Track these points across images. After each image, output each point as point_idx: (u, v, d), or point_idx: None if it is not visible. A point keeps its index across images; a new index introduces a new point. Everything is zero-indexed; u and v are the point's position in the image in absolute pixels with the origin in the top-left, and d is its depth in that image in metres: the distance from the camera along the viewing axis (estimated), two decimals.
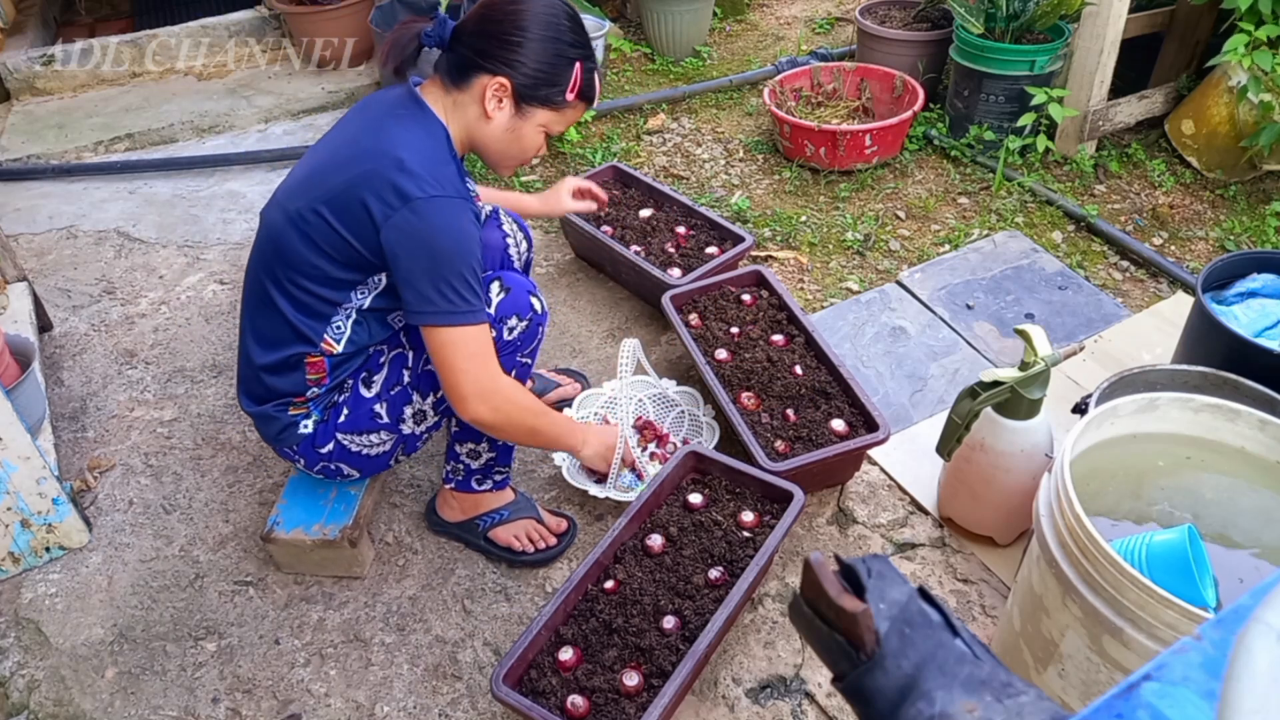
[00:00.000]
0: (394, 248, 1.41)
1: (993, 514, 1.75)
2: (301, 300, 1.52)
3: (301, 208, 1.48)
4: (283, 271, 1.51)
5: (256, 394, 1.62)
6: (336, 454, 1.64)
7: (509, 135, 1.52)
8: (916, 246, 2.67)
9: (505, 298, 1.58)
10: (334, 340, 1.55)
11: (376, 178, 1.41)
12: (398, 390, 1.60)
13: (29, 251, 2.85)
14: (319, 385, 1.59)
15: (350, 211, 1.43)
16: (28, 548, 1.85)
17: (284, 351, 1.55)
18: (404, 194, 1.39)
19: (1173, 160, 2.93)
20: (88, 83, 3.78)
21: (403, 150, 1.41)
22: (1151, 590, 1.08)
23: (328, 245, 1.47)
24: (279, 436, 1.63)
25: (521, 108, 1.49)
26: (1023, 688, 0.62)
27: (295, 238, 1.48)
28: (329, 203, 1.45)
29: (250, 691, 1.65)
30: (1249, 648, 0.42)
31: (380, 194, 1.40)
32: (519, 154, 1.56)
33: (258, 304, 1.57)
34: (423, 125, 1.47)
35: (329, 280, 1.50)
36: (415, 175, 1.40)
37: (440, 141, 1.47)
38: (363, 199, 1.41)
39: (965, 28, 2.87)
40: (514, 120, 1.50)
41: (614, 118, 3.38)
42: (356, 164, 1.44)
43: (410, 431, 1.65)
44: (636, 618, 1.56)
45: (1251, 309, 1.77)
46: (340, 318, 1.54)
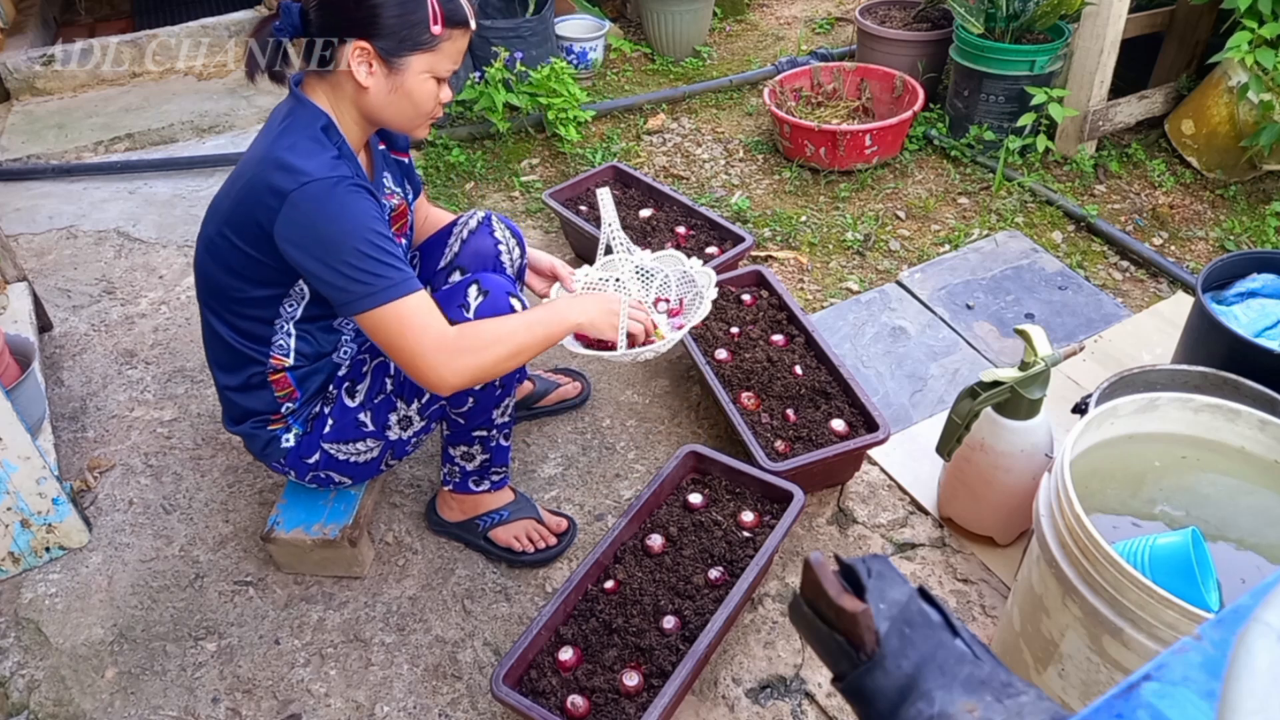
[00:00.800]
0: (288, 248, 1.37)
1: (993, 514, 1.75)
2: (238, 324, 1.52)
3: (211, 234, 1.47)
4: (213, 300, 1.51)
5: (233, 415, 1.64)
6: (324, 463, 1.64)
7: (394, 96, 1.43)
8: (916, 246, 2.67)
9: (484, 301, 1.53)
10: (282, 355, 1.55)
11: (257, 184, 1.37)
12: (381, 399, 1.59)
13: (29, 251, 2.85)
14: (291, 400, 1.59)
15: (246, 227, 1.40)
16: (28, 548, 1.85)
17: (242, 373, 1.56)
18: (279, 191, 1.34)
19: (1173, 160, 2.93)
20: (88, 83, 3.78)
21: (281, 151, 1.37)
22: (1151, 590, 1.08)
23: (240, 266, 1.45)
24: (264, 452, 1.65)
25: (392, 63, 1.39)
26: (1023, 688, 0.62)
27: (212, 264, 1.48)
28: (229, 223, 1.43)
29: (250, 691, 1.65)
30: (1249, 648, 0.42)
31: (262, 200, 1.36)
32: (416, 110, 1.46)
33: (207, 333, 1.58)
34: (301, 120, 1.41)
35: (255, 300, 1.48)
36: (291, 168, 1.34)
37: (317, 131, 1.41)
38: (252, 210, 1.38)
39: (965, 28, 2.87)
40: (392, 79, 1.41)
41: (614, 118, 3.38)
42: (243, 177, 1.41)
43: (397, 437, 1.64)
44: (636, 618, 1.56)
45: (1251, 309, 1.77)
46: (280, 335, 1.53)
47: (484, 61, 3.19)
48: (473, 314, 1.53)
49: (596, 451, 2.07)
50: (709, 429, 2.11)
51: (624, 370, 2.28)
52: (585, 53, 3.61)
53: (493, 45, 3.19)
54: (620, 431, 2.12)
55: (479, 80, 3.16)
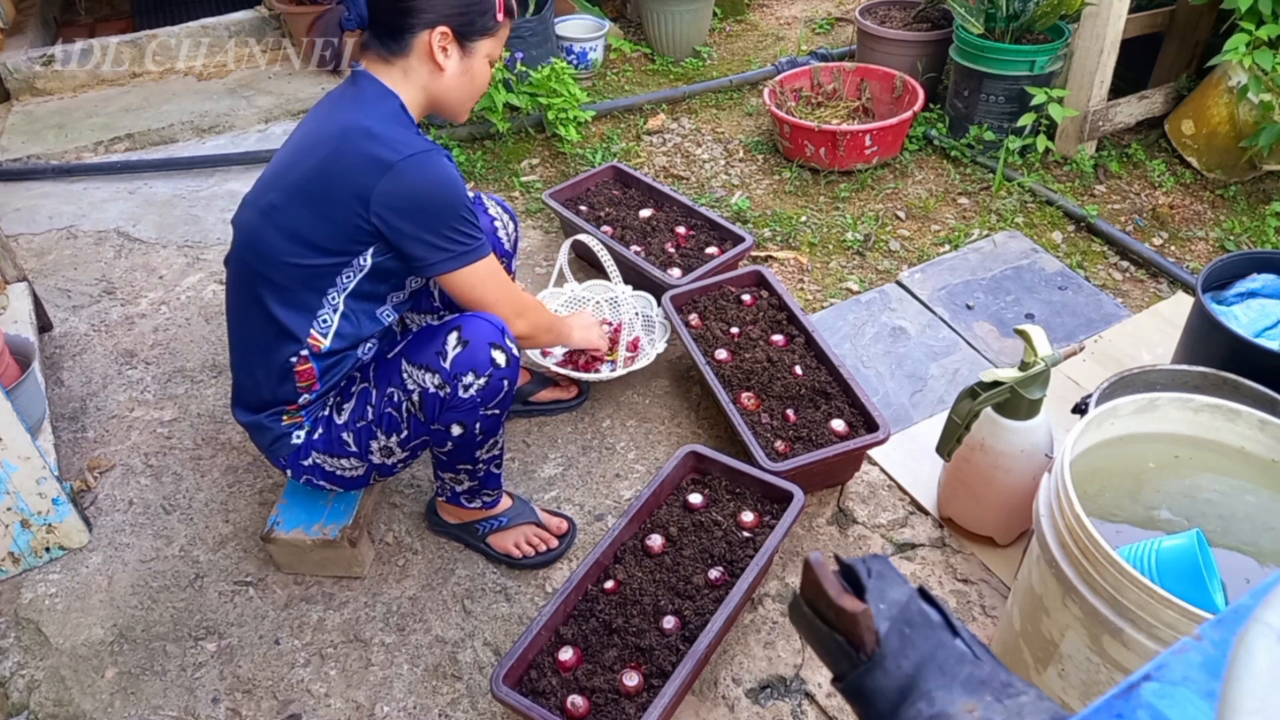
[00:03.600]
0: (388, 214, 1.44)
1: (993, 514, 1.75)
2: (286, 294, 1.51)
3: (274, 200, 1.49)
4: (263, 269, 1.51)
5: (250, 404, 1.62)
6: (316, 472, 1.65)
7: (464, 78, 1.55)
8: (916, 246, 2.67)
9: (462, 352, 1.50)
10: (321, 335, 1.54)
11: (349, 154, 1.43)
12: (363, 425, 1.58)
13: (29, 251, 2.85)
14: (309, 391, 1.59)
15: (329, 193, 1.44)
16: (28, 548, 1.85)
17: (277, 355, 1.55)
18: (383, 161, 1.41)
19: (1173, 160, 2.93)
20: (88, 83, 3.78)
21: (366, 121, 1.44)
22: (1151, 590, 1.08)
23: (309, 231, 1.47)
24: (272, 446, 1.64)
25: (466, 46, 1.52)
26: (1023, 688, 0.62)
27: (271, 231, 1.49)
28: (303, 190, 1.46)
29: (250, 691, 1.65)
30: (1249, 648, 0.42)
31: (358, 168, 1.42)
32: (475, 91, 1.60)
33: (242, 309, 1.58)
34: (376, 98, 1.49)
35: (311, 270, 1.49)
36: (386, 140, 1.43)
37: (395, 108, 1.49)
38: (340, 177, 1.43)
39: (965, 28, 2.87)
40: (465, 62, 1.54)
41: (614, 118, 3.38)
42: (323, 146, 1.46)
43: (380, 462, 1.64)
44: (636, 618, 1.56)
45: (1251, 309, 1.77)
46: (327, 309, 1.53)
47: None
48: (449, 364, 1.50)
49: (596, 451, 2.07)
50: (709, 429, 2.11)
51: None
52: (585, 53, 3.61)
53: None
54: (620, 431, 2.12)
55: None
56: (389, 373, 1.56)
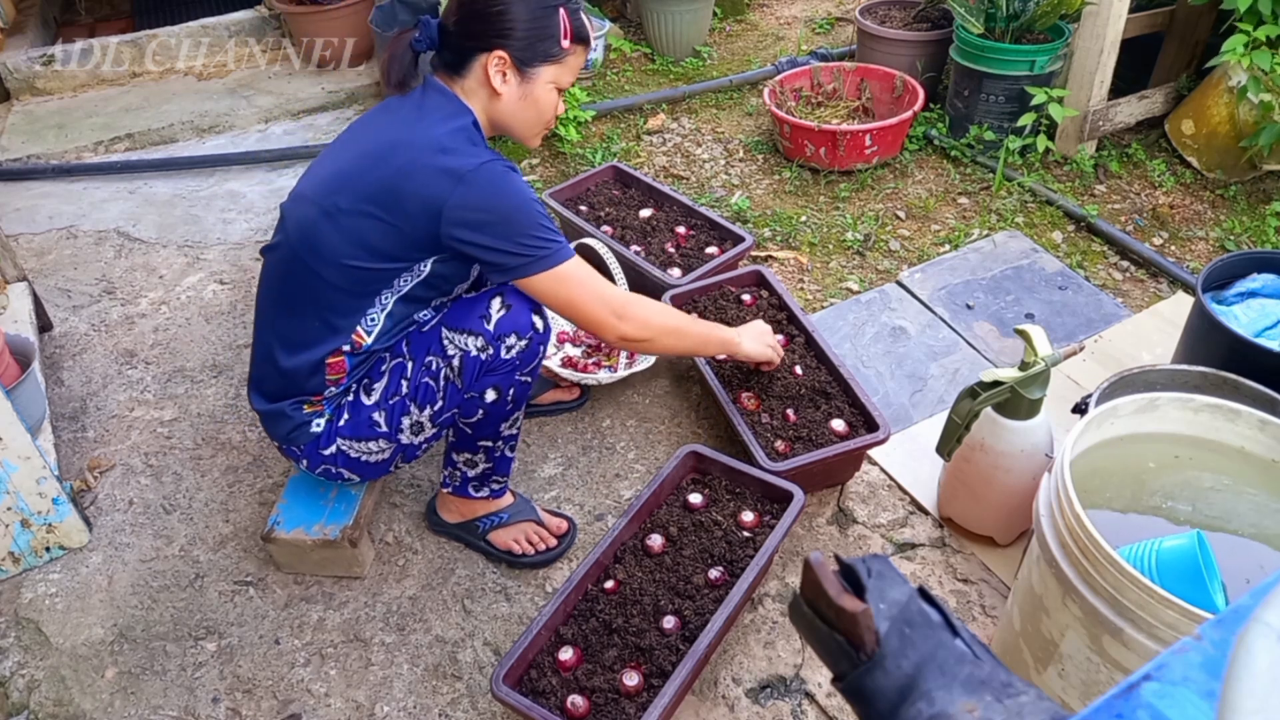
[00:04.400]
0: (461, 226, 1.44)
1: (993, 514, 1.75)
2: (339, 292, 1.52)
3: (340, 203, 1.48)
4: (319, 266, 1.51)
5: (271, 392, 1.62)
6: (339, 459, 1.63)
7: (524, 103, 1.55)
8: (916, 246, 2.67)
9: (505, 315, 1.56)
10: (365, 333, 1.55)
11: (422, 167, 1.44)
12: (396, 400, 1.59)
13: (29, 251, 2.85)
14: (336, 385, 1.59)
15: (401, 203, 1.45)
16: (28, 548, 1.85)
17: (313, 351, 1.55)
18: (455, 173, 1.42)
19: (1173, 160, 2.93)
20: (88, 83, 3.78)
21: (438, 135, 1.46)
22: (1151, 590, 1.08)
23: (375, 238, 1.48)
24: (289, 435, 1.63)
25: (525, 72, 1.52)
26: (1023, 688, 0.62)
27: (334, 233, 1.49)
28: (373, 198, 1.46)
29: (250, 691, 1.65)
30: (1249, 648, 0.42)
31: (431, 180, 1.43)
32: (539, 118, 1.59)
33: (285, 302, 1.57)
34: (449, 113, 1.51)
35: (370, 273, 1.51)
36: (457, 152, 1.44)
37: (468, 125, 1.51)
38: (413, 189, 1.44)
39: (965, 28, 2.87)
40: (523, 87, 1.53)
41: (614, 118, 3.38)
42: (396, 156, 1.46)
43: (409, 441, 1.64)
44: (636, 618, 1.56)
45: (1251, 309, 1.77)
46: (376, 310, 1.55)
47: None
48: (492, 326, 1.54)
49: (596, 451, 2.07)
50: (709, 429, 2.11)
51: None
52: None
53: None
54: (620, 431, 2.12)
55: None
56: (427, 342, 1.57)
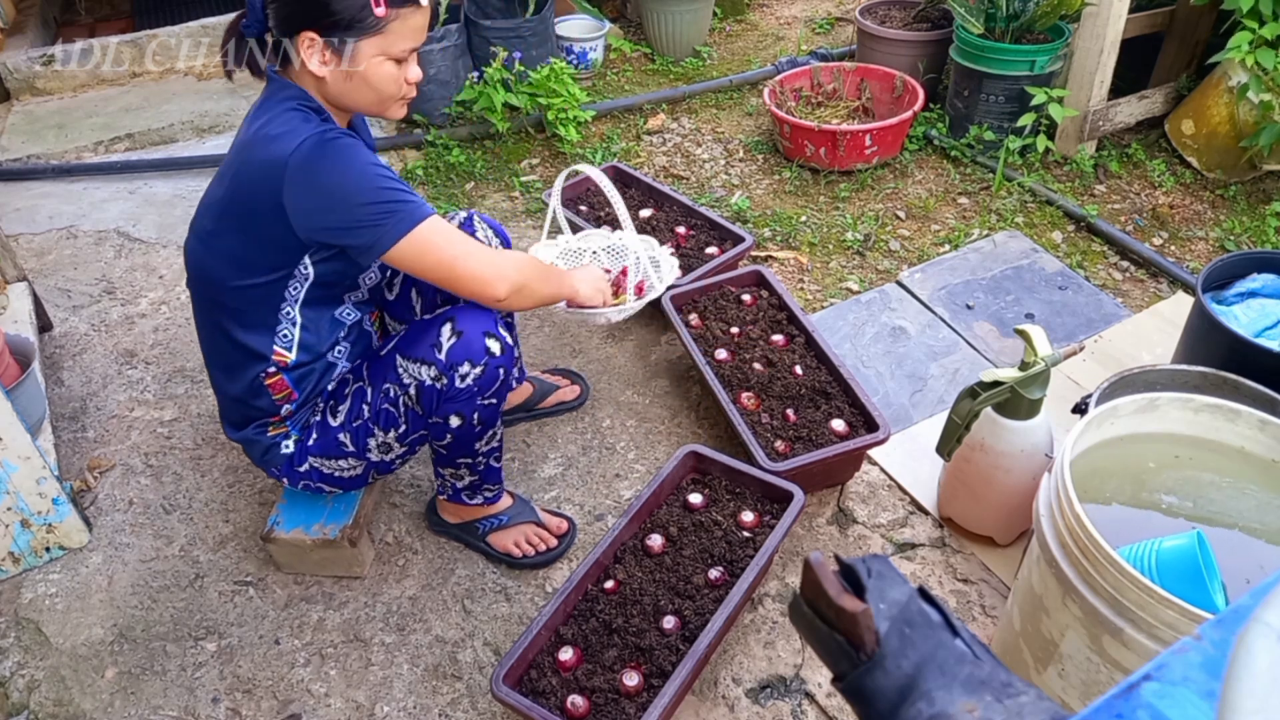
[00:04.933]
0: (303, 214, 1.37)
1: (993, 514, 1.75)
2: (242, 315, 1.50)
3: (207, 228, 1.47)
4: (214, 294, 1.50)
5: (234, 421, 1.64)
6: (314, 475, 1.65)
7: (353, 83, 1.42)
8: (916, 246, 2.67)
9: (456, 343, 1.50)
10: (285, 349, 1.54)
11: (252, 164, 1.39)
12: (359, 423, 1.58)
13: (29, 251, 2.85)
14: (289, 401, 1.59)
15: (249, 210, 1.41)
16: (28, 548, 1.85)
17: (245, 375, 1.55)
18: (277, 161, 1.35)
19: (1173, 160, 2.93)
20: (88, 83, 3.78)
21: (262, 128, 1.39)
22: (1151, 590, 1.08)
23: (242, 253, 1.44)
24: (264, 458, 1.64)
25: (341, 50, 1.38)
26: (1023, 688, 0.62)
27: (211, 258, 1.47)
28: (226, 213, 1.44)
29: (250, 691, 1.65)
30: (1249, 648, 0.42)
31: (263, 177, 1.37)
32: (381, 94, 1.45)
33: (206, 333, 1.58)
34: (278, 98, 1.43)
35: (258, 288, 1.48)
36: (279, 137, 1.36)
37: (293, 103, 1.41)
38: (253, 192, 1.39)
39: (965, 28, 2.87)
40: (346, 67, 1.40)
41: (614, 118, 3.38)
42: (233, 164, 1.43)
43: (379, 459, 1.64)
44: (636, 618, 1.56)
45: (1251, 309, 1.77)
46: (285, 324, 1.53)
47: (483, 61, 3.19)
48: (444, 355, 1.50)
49: (596, 451, 2.07)
50: (709, 429, 2.11)
51: (624, 370, 2.28)
52: (585, 53, 3.61)
53: (492, 45, 3.19)
54: (620, 431, 2.12)
55: (478, 80, 3.16)
56: (383, 369, 1.55)
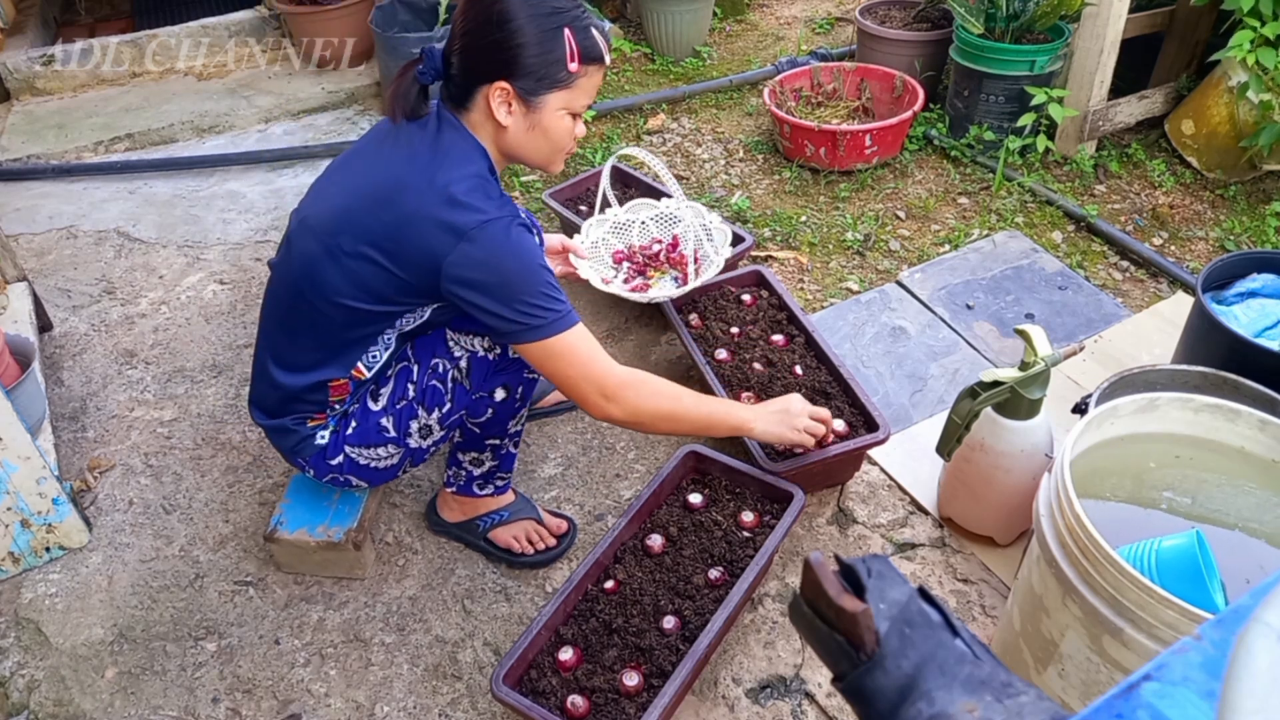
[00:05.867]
0: (459, 284, 1.38)
1: (993, 514, 1.75)
2: (339, 329, 1.49)
3: (344, 244, 1.43)
4: (321, 304, 1.48)
5: (270, 408, 1.61)
6: (346, 467, 1.63)
7: (534, 134, 1.46)
8: (916, 246, 2.67)
9: None
10: (366, 369, 1.55)
11: (426, 217, 1.37)
12: (403, 405, 1.58)
13: (29, 251, 2.85)
14: (340, 404, 1.59)
15: (402, 251, 1.40)
16: (28, 548, 1.85)
17: (311, 376, 1.54)
18: (458, 229, 1.35)
19: (1173, 160, 2.93)
20: (88, 83, 3.78)
21: (447, 182, 1.38)
22: (1151, 590, 1.08)
23: (375, 283, 1.44)
24: (294, 449, 1.62)
25: (530, 102, 1.42)
26: (1023, 688, 0.62)
27: (336, 273, 1.45)
28: (375, 243, 1.41)
29: (250, 691, 1.65)
30: (1249, 648, 0.42)
31: (434, 233, 1.37)
32: (553, 147, 1.50)
33: (286, 329, 1.55)
34: (462, 153, 1.43)
35: (370, 314, 1.48)
36: (464, 205, 1.36)
37: (483, 169, 1.44)
38: (415, 239, 1.38)
39: (965, 28, 2.87)
40: (530, 117, 1.43)
41: (614, 118, 3.38)
42: (402, 202, 1.39)
43: (417, 445, 1.63)
44: (636, 618, 1.56)
45: (1251, 309, 1.77)
46: (378, 347, 1.54)
47: None
48: None
49: (596, 451, 2.07)
50: None
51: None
52: None
53: None
54: (620, 431, 2.12)
55: None
56: (432, 345, 1.55)
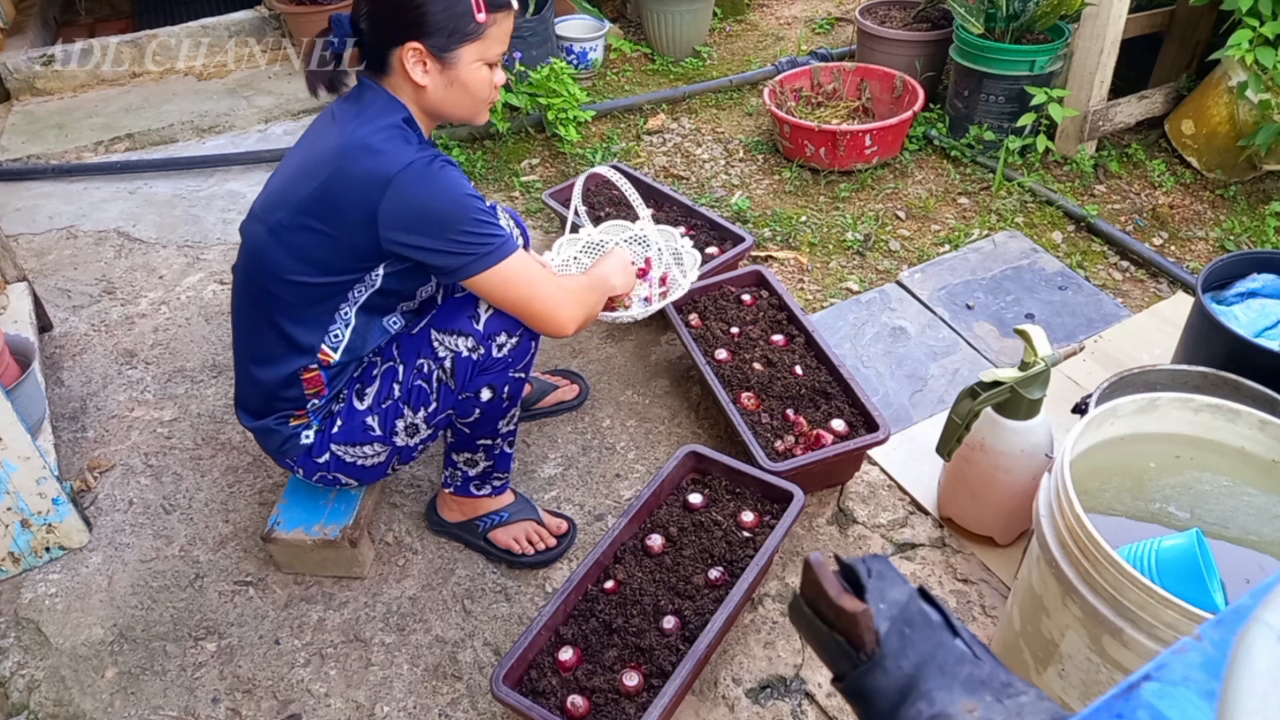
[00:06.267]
0: (395, 229, 1.41)
1: (993, 514, 1.75)
2: (296, 310, 1.51)
3: (282, 219, 1.46)
4: (271, 285, 1.50)
5: (255, 409, 1.62)
6: (333, 465, 1.63)
7: (453, 89, 1.47)
8: (916, 246, 2.67)
9: (494, 314, 1.55)
10: (331, 349, 1.55)
11: (350, 173, 1.40)
12: (389, 404, 1.58)
13: (29, 251, 2.85)
14: (318, 396, 1.59)
15: (335, 214, 1.42)
16: (28, 548, 1.85)
17: (282, 368, 1.55)
18: (383, 176, 1.38)
19: (1173, 160, 2.93)
20: (88, 83, 3.78)
21: (365, 137, 1.41)
22: (1151, 590, 1.08)
23: (317, 252, 1.46)
24: (280, 449, 1.63)
25: (443, 58, 1.44)
26: (1023, 688, 0.62)
27: (279, 250, 1.47)
28: (310, 210, 1.43)
29: (250, 691, 1.65)
30: (1249, 648, 0.42)
31: (361, 186, 1.39)
32: (475, 99, 1.51)
33: (250, 321, 1.57)
34: (381, 110, 1.45)
35: (322, 287, 1.49)
36: (385, 154, 1.39)
37: (399, 121, 1.45)
38: (343, 198, 1.41)
39: (965, 28, 2.87)
40: (446, 74, 1.45)
41: (614, 118, 3.38)
42: (326, 165, 1.42)
43: (404, 444, 1.63)
44: (636, 618, 1.56)
45: (1251, 309, 1.77)
46: (338, 324, 1.54)
47: None
48: (482, 326, 1.54)
49: (596, 451, 2.07)
50: (709, 429, 2.11)
51: (624, 370, 2.28)
52: (585, 53, 3.61)
53: None
54: (620, 431, 2.12)
55: None
56: (417, 345, 1.56)
